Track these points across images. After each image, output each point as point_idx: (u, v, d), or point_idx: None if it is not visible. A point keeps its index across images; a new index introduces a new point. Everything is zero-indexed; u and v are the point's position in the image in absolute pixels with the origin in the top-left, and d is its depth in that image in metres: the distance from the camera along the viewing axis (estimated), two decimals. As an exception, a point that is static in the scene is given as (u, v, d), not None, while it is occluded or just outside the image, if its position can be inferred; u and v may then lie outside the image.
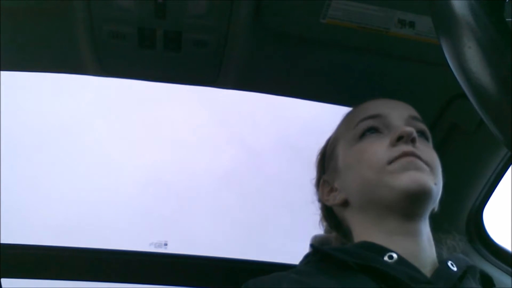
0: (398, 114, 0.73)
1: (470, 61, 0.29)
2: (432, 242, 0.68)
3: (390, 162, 0.65)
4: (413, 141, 0.66)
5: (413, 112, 0.75)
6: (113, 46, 0.82)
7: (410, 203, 0.64)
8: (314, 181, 0.84)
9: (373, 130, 0.72)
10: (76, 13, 0.75)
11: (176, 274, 1.13)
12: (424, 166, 0.65)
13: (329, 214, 0.79)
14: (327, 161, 0.80)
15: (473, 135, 0.96)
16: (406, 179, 0.63)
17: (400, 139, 0.67)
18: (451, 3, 0.30)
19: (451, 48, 0.31)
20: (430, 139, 0.74)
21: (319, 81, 0.95)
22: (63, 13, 0.76)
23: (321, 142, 0.85)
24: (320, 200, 0.81)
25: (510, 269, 1.04)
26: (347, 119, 0.80)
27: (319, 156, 0.84)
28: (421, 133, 0.72)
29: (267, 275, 0.65)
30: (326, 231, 0.86)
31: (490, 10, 0.28)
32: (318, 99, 0.99)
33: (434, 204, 0.68)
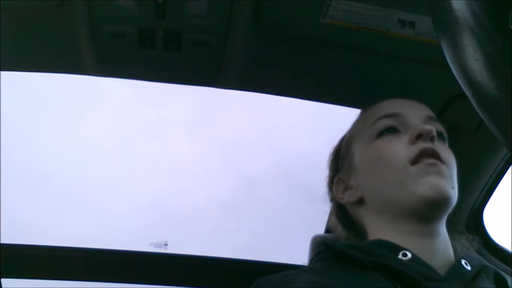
0: (416, 113, 0.73)
1: (475, 69, 0.29)
2: (449, 242, 0.68)
3: (412, 162, 0.65)
4: (432, 139, 0.66)
5: (430, 112, 0.75)
6: (113, 46, 0.82)
7: (429, 209, 0.64)
8: (327, 180, 0.83)
9: (391, 129, 0.71)
10: (76, 13, 0.75)
11: (176, 274, 1.13)
12: (444, 169, 0.65)
13: (342, 213, 0.78)
14: (341, 159, 0.79)
15: (473, 135, 0.96)
16: (427, 185, 0.63)
17: (419, 137, 0.67)
18: (451, 4, 0.30)
19: (451, 50, 0.31)
20: (447, 141, 0.74)
21: (319, 81, 0.95)
22: (63, 13, 0.76)
23: (317, 169, 0.85)
24: (333, 199, 0.80)
25: (510, 269, 1.04)
26: (363, 117, 0.79)
27: (332, 155, 0.83)
28: (439, 134, 0.72)
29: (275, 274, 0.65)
30: (332, 229, 0.85)
31: (494, 16, 0.28)
32: (318, 99, 0.99)
33: (452, 207, 0.67)
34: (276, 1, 0.76)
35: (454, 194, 0.66)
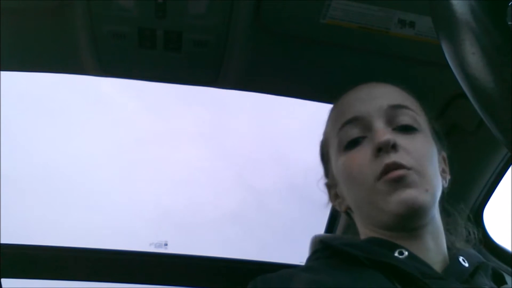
0: (377, 108, 0.68)
1: (471, 63, 0.29)
2: (442, 238, 0.67)
3: (377, 178, 0.63)
4: (393, 147, 0.64)
5: (393, 99, 0.70)
6: (113, 46, 0.82)
7: (406, 222, 0.63)
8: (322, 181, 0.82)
9: (356, 141, 0.68)
10: (76, 13, 0.75)
11: (176, 274, 1.13)
12: (412, 176, 0.62)
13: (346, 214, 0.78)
14: (324, 161, 0.79)
15: (473, 135, 0.96)
16: (396, 202, 0.61)
17: (380, 150, 0.64)
18: (451, 4, 0.30)
19: (451, 49, 0.31)
20: (418, 123, 0.69)
21: (319, 81, 0.95)
22: (63, 13, 0.76)
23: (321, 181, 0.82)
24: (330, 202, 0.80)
25: (510, 269, 1.04)
26: (331, 118, 0.77)
27: (320, 151, 0.81)
28: (404, 127, 0.67)
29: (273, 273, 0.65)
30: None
31: (492, 12, 0.28)
32: (318, 99, 0.99)
33: (435, 206, 0.66)
34: (276, 1, 0.76)
35: (429, 197, 0.63)
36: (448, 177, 0.72)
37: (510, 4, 0.29)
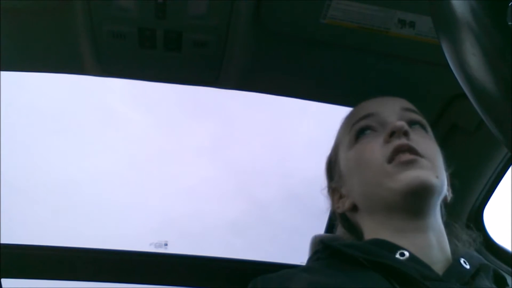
0: (390, 108, 0.73)
1: (471, 63, 0.29)
2: (445, 237, 0.67)
3: (388, 160, 0.65)
4: (405, 134, 0.66)
5: (405, 103, 0.75)
6: (113, 46, 0.82)
7: (414, 201, 0.64)
8: (325, 191, 0.83)
9: (367, 129, 0.72)
10: (76, 13, 0.75)
11: (176, 274, 1.13)
12: (423, 161, 0.64)
13: (343, 219, 0.79)
14: (332, 168, 0.80)
15: (473, 135, 0.96)
16: (406, 179, 0.63)
17: (393, 134, 0.67)
18: (451, 4, 0.30)
19: (451, 49, 0.31)
20: (428, 128, 0.74)
21: (319, 81, 0.95)
22: (63, 13, 0.76)
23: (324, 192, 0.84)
24: (332, 208, 0.81)
25: (510, 269, 1.03)
26: (343, 124, 0.80)
27: (326, 164, 0.84)
28: (415, 123, 0.72)
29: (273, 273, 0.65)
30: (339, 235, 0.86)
31: (492, 12, 0.28)
32: (318, 99, 0.99)
33: (441, 196, 0.67)
34: (276, 1, 0.76)
35: (438, 182, 0.65)
36: (450, 194, 0.72)
37: (510, 4, 0.28)
